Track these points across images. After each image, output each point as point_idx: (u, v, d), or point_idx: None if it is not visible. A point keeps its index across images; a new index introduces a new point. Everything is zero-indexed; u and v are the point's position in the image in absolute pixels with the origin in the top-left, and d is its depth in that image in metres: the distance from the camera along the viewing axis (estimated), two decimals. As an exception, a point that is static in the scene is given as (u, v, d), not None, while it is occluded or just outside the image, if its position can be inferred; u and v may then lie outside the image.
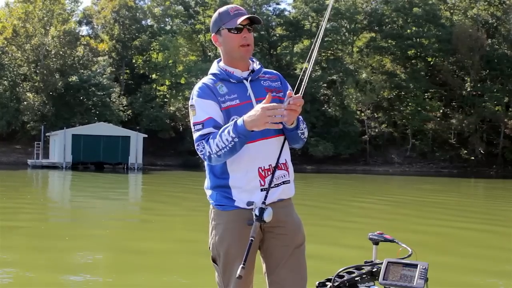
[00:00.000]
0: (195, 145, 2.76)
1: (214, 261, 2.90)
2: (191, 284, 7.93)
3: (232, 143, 2.63)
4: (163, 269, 8.57)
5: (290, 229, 2.89)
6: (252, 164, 2.79)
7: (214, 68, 2.92)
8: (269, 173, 2.80)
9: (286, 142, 2.90)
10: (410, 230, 13.18)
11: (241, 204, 2.79)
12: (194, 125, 2.78)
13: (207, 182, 2.96)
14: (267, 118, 2.56)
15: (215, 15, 2.89)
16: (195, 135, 2.77)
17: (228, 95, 2.81)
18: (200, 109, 2.78)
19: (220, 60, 2.95)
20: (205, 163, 2.88)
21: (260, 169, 2.80)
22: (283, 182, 2.87)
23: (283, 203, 2.89)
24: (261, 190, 2.78)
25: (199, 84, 2.87)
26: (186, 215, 16.29)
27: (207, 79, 2.88)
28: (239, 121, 2.63)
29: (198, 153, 2.77)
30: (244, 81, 2.86)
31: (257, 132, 2.69)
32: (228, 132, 2.63)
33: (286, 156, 2.91)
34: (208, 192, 2.95)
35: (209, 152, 2.69)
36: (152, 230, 13.02)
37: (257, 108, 2.60)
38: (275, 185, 2.81)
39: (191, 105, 2.83)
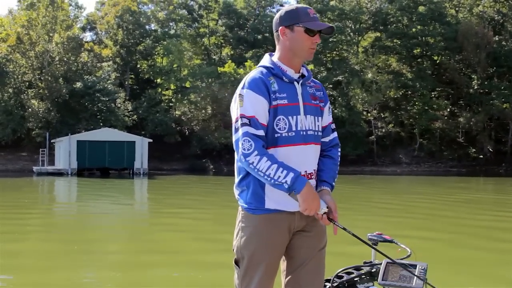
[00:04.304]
0: (241, 137, 2.71)
1: (236, 263, 2.86)
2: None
3: (278, 183, 2.65)
4: (173, 276, 8.40)
5: (317, 232, 2.89)
6: None
7: (267, 61, 2.88)
8: None
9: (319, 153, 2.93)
10: (410, 231, 12.98)
11: (272, 206, 2.78)
12: (240, 117, 2.73)
13: (238, 180, 2.90)
14: (314, 211, 2.70)
15: (290, 8, 2.85)
16: (242, 129, 2.71)
17: (279, 93, 2.78)
18: (249, 103, 2.73)
19: (273, 54, 2.91)
20: (236, 160, 2.88)
21: None
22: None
23: None
24: None
25: (252, 74, 2.81)
26: (194, 220, 16.03)
27: (259, 72, 2.82)
28: (301, 180, 2.65)
29: (239, 146, 2.71)
30: (295, 82, 2.84)
31: (298, 136, 2.77)
32: (285, 175, 2.64)
33: (316, 166, 2.92)
34: (237, 191, 2.91)
35: (253, 162, 2.67)
36: (161, 237, 12.79)
37: (318, 199, 2.71)
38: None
39: (239, 94, 2.77)
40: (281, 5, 72.37)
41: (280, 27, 2.84)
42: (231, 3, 67.47)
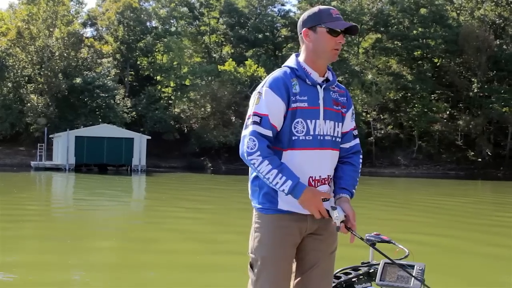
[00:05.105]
0: (247, 135, 2.70)
1: (251, 266, 2.85)
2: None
3: (279, 187, 2.65)
4: (168, 272, 8.40)
5: (329, 235, 2.88)
6: (304, 172, 2.75)
7: (292, 61, 2.86)
8: (318, 184, 2.80)
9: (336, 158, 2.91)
10: (408, 232, 12.95)
11: (285, 207, 2.75)
12: (253, 115, 2.72)
13: (252, 179, 2.87)
14: (317, 212, 2.69)
15: (313, 10, 2.84)
16: (251, 127, 2.71)
17: (299, 96, 2.76)
18: (265, 101, 2.72)
19: (299, 55, 2.89)
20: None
21: (310, 179, 2.78)
22: (327, 199, 2.82)
23: None
24: None
25: (275, 74, 2.80)
26: (190, 218, 15.99)
27: (283, 72, 2.81)
28: (299, 189, 2.64)
29: (244, 144, 2.67)
30: (318, 86, 2.81)
31: (315, 140, 2.75)
32: (285, 180, 2.64)
33: (332, 171, 2.91)
34: (251, 191, 2.90)
35: (254, 162, 2.67)
36: (157, 233, 12.77)
37: (317, 204, 2.68)
38: (321, 199, 2.76)
39: (259, 92, 2.76)
40: (282, 5, 72.39)
41: (303, 29, 2.83)
42: (232, 2, 67.39)
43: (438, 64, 66.07)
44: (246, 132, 2.70)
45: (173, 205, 19.83)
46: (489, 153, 59.13)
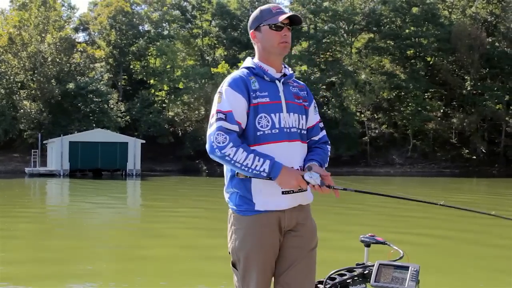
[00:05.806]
0: (214, 132, 2.72)
1: (233, 265, 2.88)
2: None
3: (256, 172, 2.68)
4: (164, 276, 8.39)
5: (307, 232, 2.90)
6: None
7: (248, 62, 2.96)
8: None
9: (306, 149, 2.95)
10: (403, 233, 12.95)
11: (261, 208, 2.78)
12: (216, 113, 2.76)
13: (227, 183, 2.91)
14: (296, 187, 2.73)
15: (255, 12, 2.96)
16: (217, 124, 2.73)
17: (259, 92, 2.83)
18: (227, 99, 2.77)
19: (254, 57, 3.01)
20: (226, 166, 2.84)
21: None
22: (302, 190, 2.84)
23: (303, 207, 2.91)
24: (282, 193, 2.80)
25: (233, 74, 2.88)
26: (185, 221, 15.94)
27: (241, 72, 2.89)
28: (277, 166, 2.68)
29: (213, 140, 2.68)
30: (277, 81, 2.91)
31: (283, 133, 2.80)
32: (262, 163, 2.68)
33: (302, 163, 2.92)
34: (227, 194, 2.93)
35: (229, 154, 2.68)
36: (152, 238, 12.71)
37: (297, 176, 2.71)
38: (298, 190, 2.81)
39: (219, 91, 2.83)
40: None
41: (250, 32, 2.97)
42: (225, 4, 67.43)
43: (431, 62, 66.24)
44: (212, 129, 2.74)
45: (173, 205, 19.85)
46: (483, 150, 59.31)
